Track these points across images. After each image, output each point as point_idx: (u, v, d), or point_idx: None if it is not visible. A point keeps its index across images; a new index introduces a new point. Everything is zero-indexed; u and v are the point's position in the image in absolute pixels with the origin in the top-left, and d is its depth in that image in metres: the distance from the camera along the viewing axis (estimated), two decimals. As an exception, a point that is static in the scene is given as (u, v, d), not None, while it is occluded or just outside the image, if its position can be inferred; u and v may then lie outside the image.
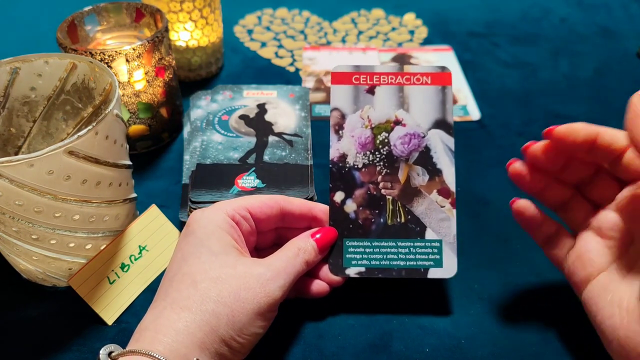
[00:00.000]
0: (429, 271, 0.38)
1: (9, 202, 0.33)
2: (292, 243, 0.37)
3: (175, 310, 0.31)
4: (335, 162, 0.40)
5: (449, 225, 0.39)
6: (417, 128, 0.40)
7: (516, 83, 0.66)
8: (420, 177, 0.39)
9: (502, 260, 0.44)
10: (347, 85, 0.40)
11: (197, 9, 0.59)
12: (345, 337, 0.38)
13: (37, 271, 0.39)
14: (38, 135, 0.43)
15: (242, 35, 0.76)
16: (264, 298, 0.32)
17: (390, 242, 0.39)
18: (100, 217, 0.38)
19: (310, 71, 0.67)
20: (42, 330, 0.39)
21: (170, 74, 0.53)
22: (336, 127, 0.40)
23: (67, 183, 0.34)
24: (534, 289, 0.41)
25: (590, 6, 0.84)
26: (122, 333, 0.38)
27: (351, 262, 0.38)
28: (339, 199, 0.39)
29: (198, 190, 0.45)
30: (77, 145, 0.33)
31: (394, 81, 0.40)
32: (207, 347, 0.30)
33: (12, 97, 0.41)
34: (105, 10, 0.53)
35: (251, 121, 0.53)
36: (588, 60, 0.70)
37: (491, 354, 0.37)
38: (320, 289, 0.38)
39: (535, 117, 0.60)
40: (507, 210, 0.49)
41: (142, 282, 0.41)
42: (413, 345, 0.38)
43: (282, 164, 0.48)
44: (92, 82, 0.41)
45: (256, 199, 0.38)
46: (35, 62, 0.40)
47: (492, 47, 0.73)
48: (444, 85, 0.40)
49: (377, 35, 0.76)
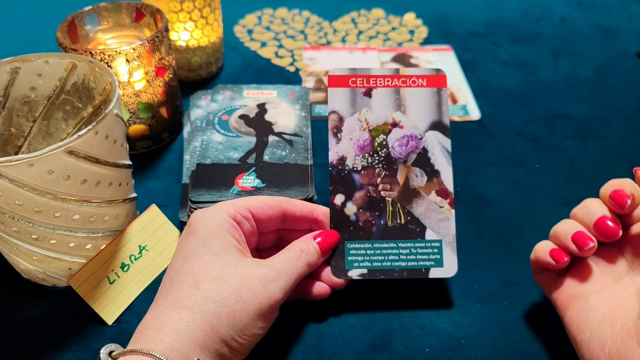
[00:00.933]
0: (430, 271, 0.38)
1: (9, 202, 0.33)
2: (295, 245, 0.36)
3: (176, 310, 0.31)
4: (334, 165, 0.40)
5: (448, 225, 0.39)
6: (414, 130, 0.40)
7: (516, 83, 0.66)
8: (419, 179, 0.39)
9: (502, 260, 0.44)
10: (344, 88, 0.41)
11: (197, 8, 0.59)
12: (346, 337, 0.38)
13: (37, 271, 0.39)
14: (38, 135, 0.43)
15: (242, 35, 0.76)
16: (265, 299, 0.32)
17: (391, 243, 0.39)
18: (100, 216, 0.38)
19: (310, 71, 0.67)
20: (42, 330, 0.39)
21: (170, 74, 0.53)
22: (334, 130, 0.40)
23: (67, 183, 0.34)
24: (534, 289, 0.41)
25: (590, 6, 0.84)
26: (122, 333, 0.38)
27: (353, 264, 0.38)
28: (339, 202, 0.39)
29: (198, 190, 0.45)
30: (77, 145, 0.33)
31: (390, 84, 0.41)
32: (207, 347, 0.30)
33: (12, 97, 0.41)
34: (105, 10, 0.53)
35: (251, 121, 0.53)
36: (588, 60, 0.70)
37: (491, 354, 0.37)
38: (321, 291, 0.38)
39: (535, 117, 0.60)
40: (507, 210, 0.49)
41: (142, 282, 0.41)
42: (413, 345, 0.38)
43: (282, 163, 0.48)
44: (92, 82, 0.41)
45: (258, 200, 0.38)
46: (35, 62, 0.40)
47: (492, 47, 0.73)
48: (440, 87, 0.41)
49: (377, 35, 0.76)
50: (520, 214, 0.48)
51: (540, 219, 0.47)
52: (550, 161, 0.54)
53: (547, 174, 0.53)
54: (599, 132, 0.58)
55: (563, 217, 0.47)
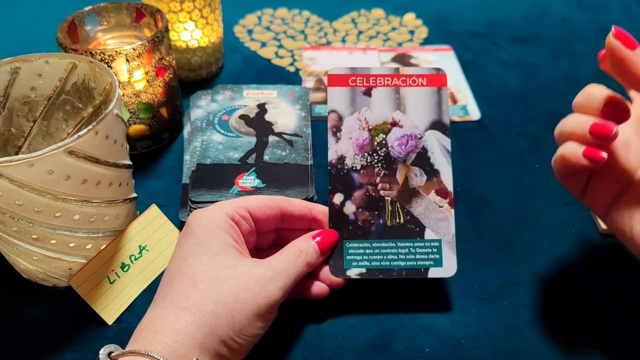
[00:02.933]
0: (429, 271, 0.38)
1: (9, 202, 0.33)
2: (294, 244, 0.36)
3: (174, 311, 0.31)
4: (333, 164, 0.40)
5: (447, 224, 0.39)
6: (414, 129, 0.40)
7: (516, 83, 0.66)
8: (418, 178, 0.39)
9: (502, 260, 0.44)
10: (344, 87, 0.41)
11: (197, 8, 0.59)
12: (346, 337, 0.38)
13: (37, 271, 0.39)
14: (38, 135, 0.43)
15: (242, 35, 0.76)
16: (264, 299, 0.32)
17: (390, 242, 0.39)
18: (101, 217, 0.38)
19: (310, 71, 0.67)
20: (42, 330, 0.39)
21: (170, 74, 0.53)
22: (334, 129, 0.40)
23: (67, 183, 0.34)
24: (534, 289, 0.41)
25: (590, 6, 0.84)
26: (122, 333, 0.38)
27: (352, 263, 0.38)
28: (338, 201, 0.39)
29: (198, 190, 0.45)
30: (77, 145, 0.33)
31: (390, 83, 0.40)
32: (206, 348, 0.30)
33: (12, 97, 0.41)
34: (105, 10, 0.53)
35: (251, 121, 0.53)
36: (588, 60, 0.70)
37: (491, 354, 0.37)
38: (320, 290, 0.38)
39: (535, 117, 0.60)
40: (507, 210, 0.49)
41: (142, 282, 0.41)
42: (413, 345, 0.38)
43: (282, 163, 0.48)
44: (92, 82, 0.41)
45: (256, 199, 0.38)
46: (35, 62, 0.40)
47: (492, 47, 0.73)
48: (440, 86, 0.41)
49: (377, 35, 0.76)
50: (520, 214, 0.48)
51: (540, 219, 0.47)
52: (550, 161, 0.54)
53: (547, 174, 0.52)
54: (599, 132, 0.58)
55: (563, 216, 0.48)
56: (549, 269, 0.43)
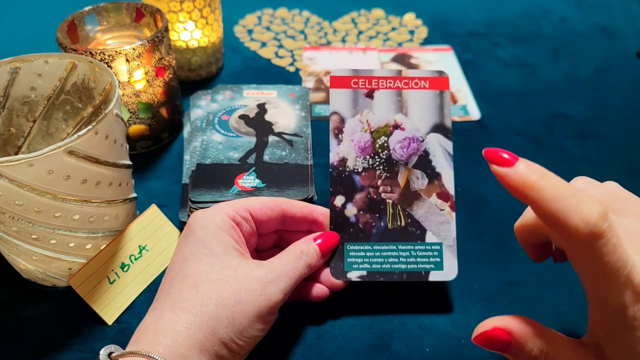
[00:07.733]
0: (430, 274, 0.38)
1: (9, 202, 0.33)
2: (295, 246, 0.36)
3: (175, 312, 0.31)
4: (335, 166, 0.40)
5: (448, 228, 0.39)
6: (416, 132, 0.40)
7: (516, 83, 0.66)
8: (420, 181, 0.39)
9: (502, 260, 0.44)
10: (346, 89, 0.40)
11: (197, 8, 0.59)
12: (346, 337, 0.38)
13: (37, 271, 0.39)
14: (38, 135, 0.43)
15: (242, 35, 0.76)
16: (265, 301, 0.32)
17: (391, 245, 0.39)
18: (100, 216, 0.38)
19: (310, 71, 0.67)
20: (42, 330, 0.39)
21: (170, 74, 0.53)
22: (335, 131, 0.40)
23: (67, 183, 0.34)
24: (534, 289, 0.41)
25: (590, 6, 0.84)
26: (122, 333, 0.38)
27: (352, 266, 0.38)
28: (340, 203, 0.39)
29: (198, 190, 0.45)
30: (77, 145, 0.33)
31: (393, 85, 0.40)
32: (207, 349, 0.30)
33: (12, 97, 0.41)
34: (105, 10, 0.53)
35: (251, 121, 0.53)
36: (588, 60, 0.70)
37: (491, 354, 0.37)
38: (320, 292, 0.38)
39: (535, 117, 0.60)
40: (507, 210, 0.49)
41: (142, 282, 0.41)
42: (413, 345, 0.38)
43: (282, 163, 0.48)
44: (92, 82, 0.41)
45: (257, 201, 0.38)
46: (35, 62, 0.40)
47: (492, 47, 0.73)
48: (442, 89, 0.40)
49: (377, 35, 0.76)
50: (520, 214, 0.48)
51: (540, 219, 0.47)
52: (550, 161, 0.54)
53: (547, 174, 0.52)
54: (599, 132, 0.58)
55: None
56: (549, 269, 0.43)
